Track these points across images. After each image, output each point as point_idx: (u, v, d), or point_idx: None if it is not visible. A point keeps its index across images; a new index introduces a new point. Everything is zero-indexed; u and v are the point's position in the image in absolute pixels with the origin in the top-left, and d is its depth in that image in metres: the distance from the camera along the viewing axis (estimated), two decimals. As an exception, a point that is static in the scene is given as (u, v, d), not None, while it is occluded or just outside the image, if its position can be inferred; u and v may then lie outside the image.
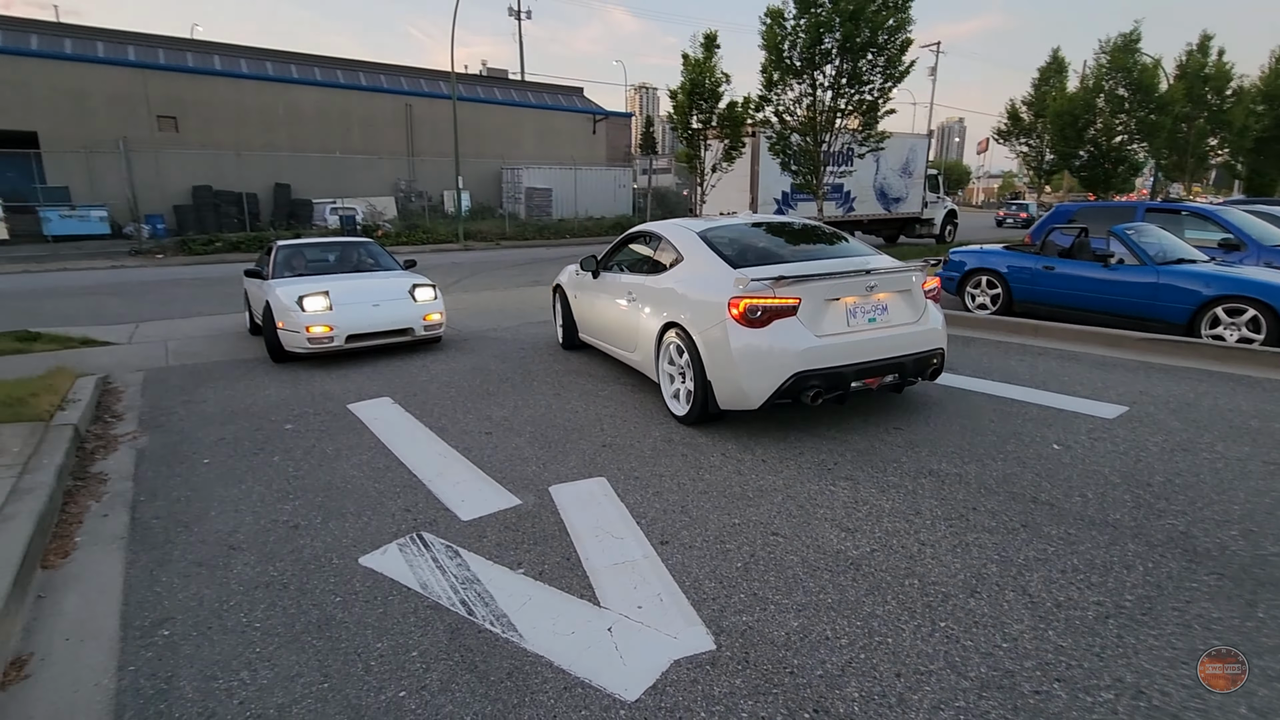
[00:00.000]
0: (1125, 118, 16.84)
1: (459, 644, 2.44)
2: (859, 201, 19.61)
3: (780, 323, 4.09)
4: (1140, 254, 7.09)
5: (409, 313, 6.97)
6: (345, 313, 6.62)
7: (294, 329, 6.46)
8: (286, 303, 6.52)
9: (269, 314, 6.71)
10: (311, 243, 8.51)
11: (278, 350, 6.73)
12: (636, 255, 5.74)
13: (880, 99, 10.26)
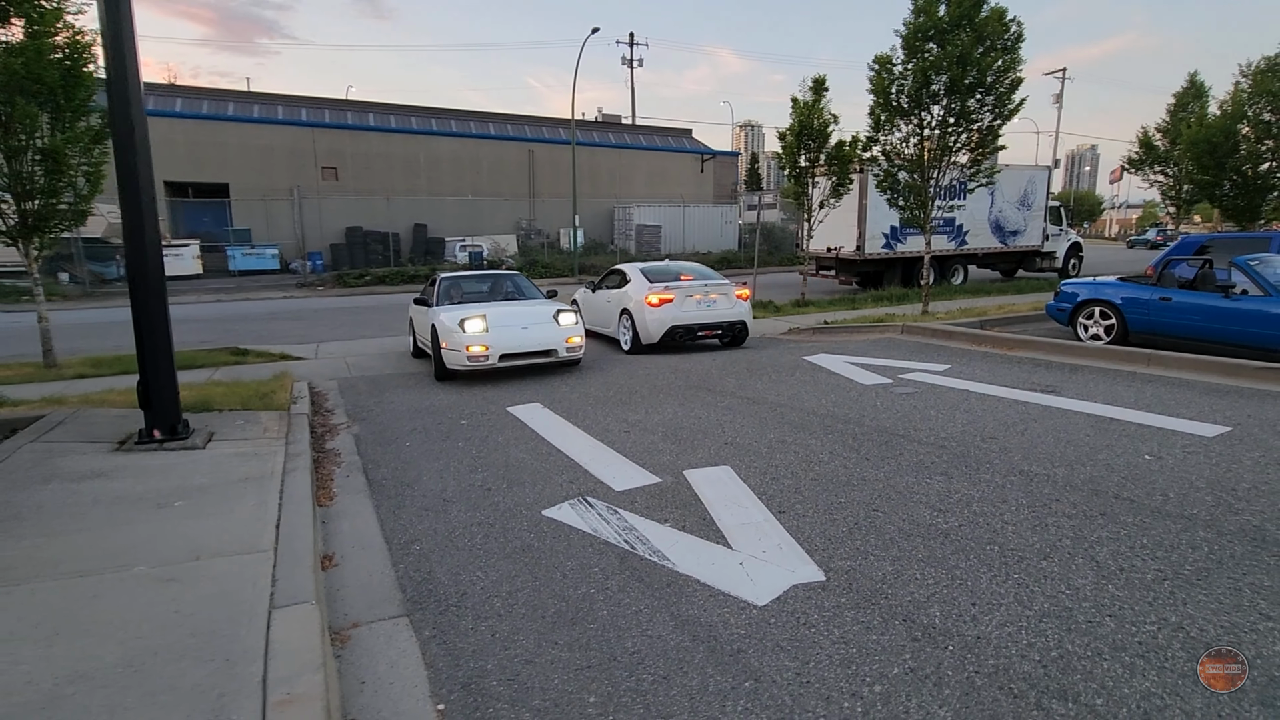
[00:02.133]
0: (1272, 143, 15.78)
1: (628, 565, 3.27)
2: (971, 234, 19.37)
3: (667, 305, 9.18)
4: (1262, 283, 7.03)
5: (553, 335, 7.85)
6: (499, 334, 7.60)
7: (456, 348, 7.48)
8: (450, 325, 7.58)
9: (435, 335, 7.84)
10: (468, 275, 9.81)
11: (441, 368, 7.81)
12: (612, 280, 10.49)
13: (988, 135, 10.53)
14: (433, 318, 8.06)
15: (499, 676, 2.48)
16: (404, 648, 2.68)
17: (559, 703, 2.32)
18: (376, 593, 3.13)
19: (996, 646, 2.53)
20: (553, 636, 2.72)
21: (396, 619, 2.89)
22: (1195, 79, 21.17)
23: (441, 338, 7.71)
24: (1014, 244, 20.60)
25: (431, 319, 8.09)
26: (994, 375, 6.91)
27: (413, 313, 9.57)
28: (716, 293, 9.35)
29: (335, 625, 2.82)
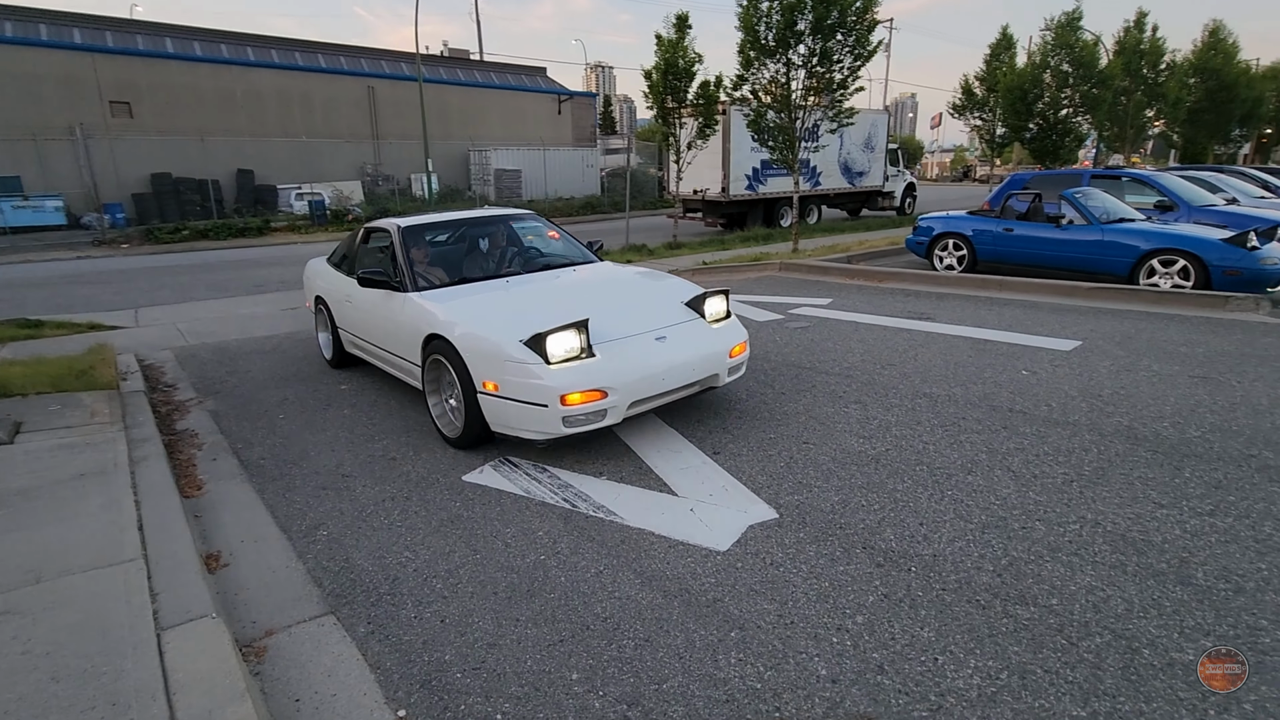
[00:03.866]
0: (1070, 92, 17.95)
1: (574, 526, 3.05)
2: (825, 176, 20.41)
3: None
4: (1088, 215, 7.96)
5: (711, 348, 3.92)
6: (622, 360, 3.57)
7: (538, 398, 3.36)
8: (507, 348, 3.48)
9: (464, 368, 3.67)
10: (442, 220, 5.26)
11: (476, 431, 3.77)
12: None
13: (850, 77, 10.94)
14: (430, 322, 4.01)
15: (462, 667, 2.19)
16: (338, 651, 2.30)
17: (539, 685, 2.09)
18: (286, 591, 2.67)
19: (953, 562, 2.63)
20: (512, 613, 2.46)
21: (319, 619, 2.48)
22: (1006, 31, 23.36)
23: (488, 373, 3.58)
24: (860, 184, 22.00)
25: (429, 325, 4.00)
26: (874, 306, 7.32)
27: (326, 290, 5.77)
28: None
29: (245, 637, 2.36)
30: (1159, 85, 23.90)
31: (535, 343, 3.48)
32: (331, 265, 5.90)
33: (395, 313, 4.46)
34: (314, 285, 6.15)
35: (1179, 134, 27.83)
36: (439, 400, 4.18)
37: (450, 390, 4.00)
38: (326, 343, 6.02)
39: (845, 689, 2.02)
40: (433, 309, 4.11)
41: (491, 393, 3.59)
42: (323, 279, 5.95)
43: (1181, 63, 25.74)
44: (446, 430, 4.09)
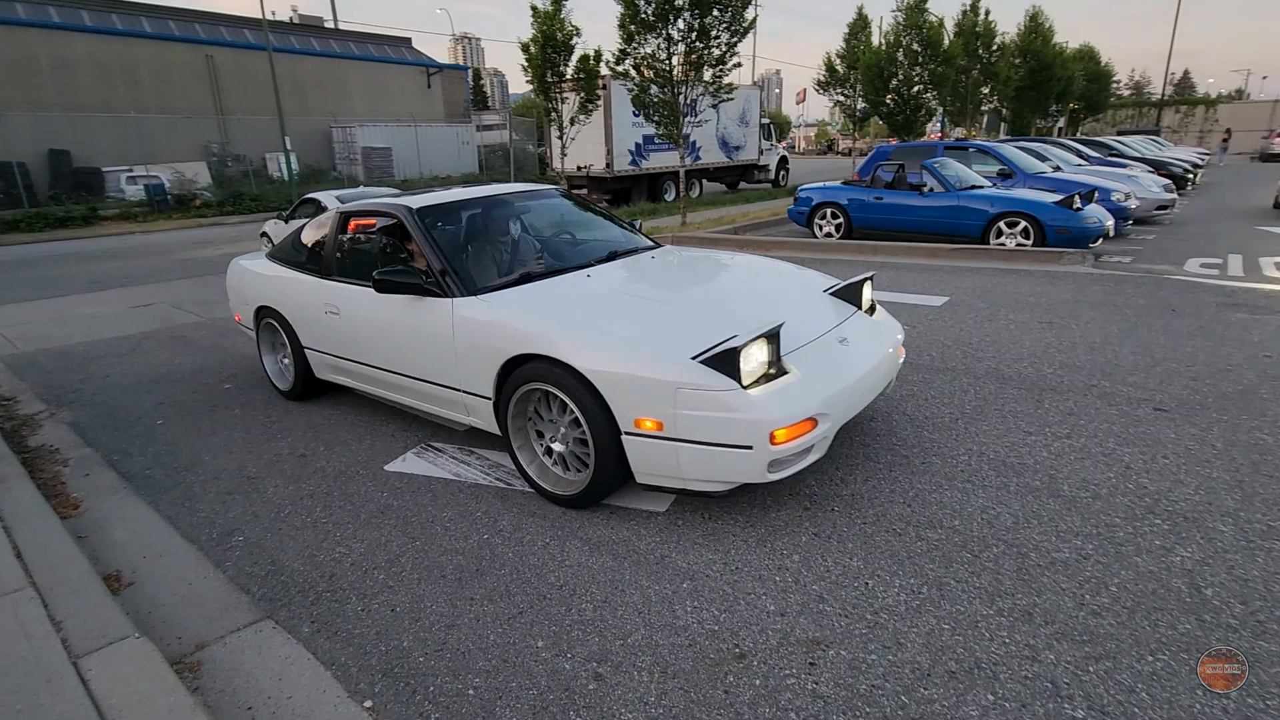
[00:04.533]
0: (920, 70, 19.49)
1: (512, 503, 3.05)
2: (704, 151, 20.94)
3: None
4: (945, 183, 8.78)
5: (886, 347, 3.20)
6: (818, 373, 2.74)
7: (732, 438, 2.47)
8: (679, 370, 2.51)
9: (596, 402, 2.65)
10: (464, 199, 3.94)
11: (609, 485, 2.84)
12: (307, 209, 9.27)
13: (728, 53, 11.26)
14: (523, 342, 2.87)
15: (424, 651, 2.17)
16: (284, 654, 2.20)
17: (506, 657, 2.12)
18: (210, 603, 2.49)
19: (869, 499, 2.90)
20: (465, 593, 2.45)
21: (256, 625, 2.34)
22: (862, 11, 24.88)
23: (645, 406, 2.57)
24: (737, 158, 22.79)
25: (520, 344, 2.87)
26: (765, 274, 7.71)
27: (280, 298, 4.37)
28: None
29: (173, 654, 2.19)
30: (992, 65, 26.43)
31: (722, 360, 2.47)
32: (283, 263, 4.39)
33: (435, 326, 3.19)
34: (255, 292, 4.56)
35: (1008, 109, 30.99)
36: (530, 446, 3.07)
37: (555, 432, 2.95)
38: (280, 370, 4.65)
39: (793, 620, 2.21)
40: (512, 319, 2.92)
41: (650, 433, 2.55)
42: (272, 284, 4.40)
43: (1009, 44, 28.60)
44: (550, 485, 2.98)
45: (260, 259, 4.79)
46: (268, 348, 4.76)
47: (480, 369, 3.06)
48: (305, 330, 4.20)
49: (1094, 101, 38.06)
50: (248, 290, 4.72)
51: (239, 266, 4.91)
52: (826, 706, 1.87)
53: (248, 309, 4.74)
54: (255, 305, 4.61)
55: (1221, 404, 3.71)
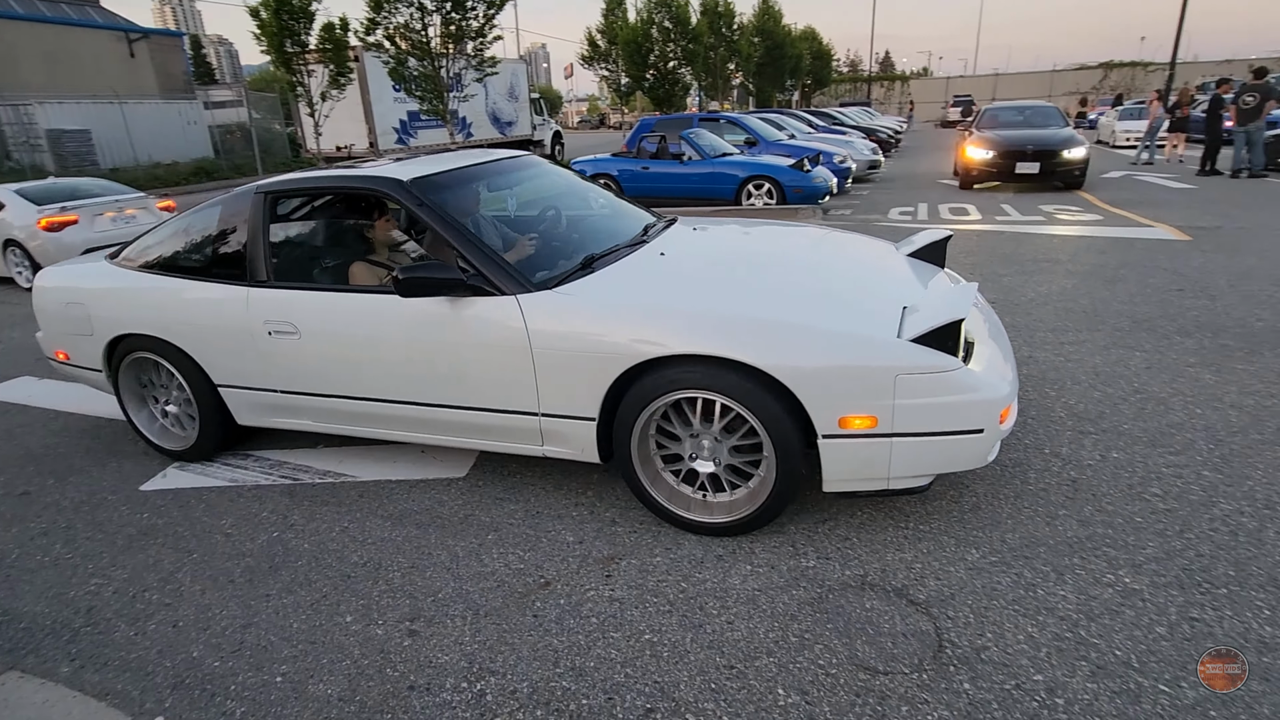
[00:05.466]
0: (674, 47, 20.88)
1: (302, 496, 2.94)
2: (476, 126, 20.45)
3: (71, 228, 7.46)
4: (701, 152, 9.64)
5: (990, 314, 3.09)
6: (997, 358, 2.49)
7: (962, 422, 2.16)
8: (901, 352, 2.13)
9: (781, 404, 2.20)
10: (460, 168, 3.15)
11: (786, 500, 2.37)
12: None
13: (486, 25, 11.08)
14: (657, 340, 2.26)
15: (219, 655, 2.07)
16: (41, 698, 1.95)
17: (313, 639, 2.11)
18: (-77, 672, 2.10)
19: (650, 433, 3.26)
20: (259, 591, 2.35)
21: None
22: (615, -12, 25.77)
23: (855, 402, 2.15)
24: (511, 134, 22.60)
25: (653, 342, 2.26)
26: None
27: (172, 321, 3.13)
28: (134, 208, 8.06)
29: (-120, 735, 1.84)
30: (735, 43, 29.05)
31: (942, 337, 2.14)
32: (165, 271, 3.19)
33: (494, 335, 2.48)
34: (107, 317, 3.27)
35: (753, 84, 34.40)
36: (655, 472, 2.54)
37: (697, 449, 2.44)
38: (166, 423, 3.45)
39: (590, 544, 2.48)
40: (628, 315, 2.36)
41: (859, 432, 2.18)
42: (147, 302, 3.16)
43: (748, 24, 31.61)
44: (700, 514, 2.49)
45: (100, 265, 3.44)
46: (134, 394, 3.45)
47: (579, 384, 2.41)
48: (222, 362, 3.06)
49: (820, 77, 43.56)
50: (94, 313, 3.29)
51: (59, 281, 3.48)
52: (622, 606, 2.16)
53: (88, 342, 3.35)
54: (109, 335, 3.27)
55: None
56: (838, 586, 2.18)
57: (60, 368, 3.64)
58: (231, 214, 3.13)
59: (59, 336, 3.53)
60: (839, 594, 2.15)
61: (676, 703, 1.79)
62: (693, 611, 2.12)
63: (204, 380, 3.14)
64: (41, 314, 3.55)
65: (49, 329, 3.57)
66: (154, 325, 3.14)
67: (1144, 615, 1.99)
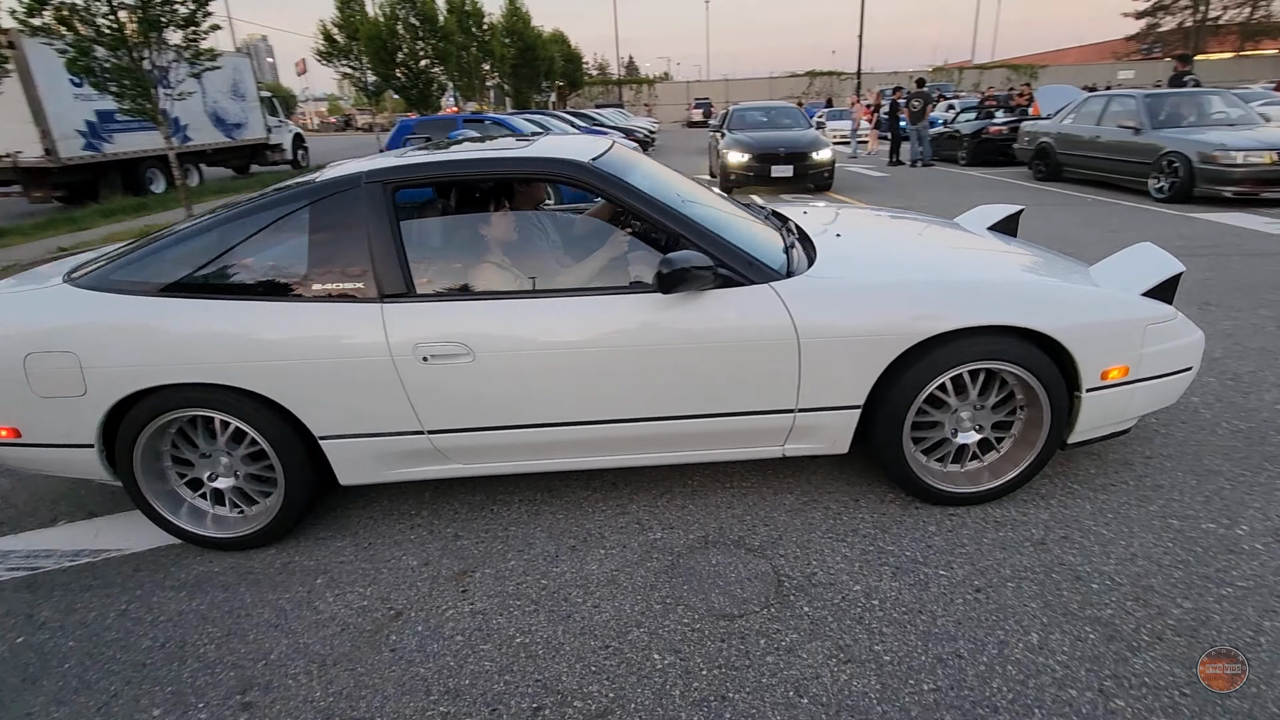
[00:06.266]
0: (424, 45, 19.96)
1: (50, 588, 2.37)
2: (194, 129, 17.62)
3: None
4: (471, 153, 9.44)
5: None
6: None
7: (1183, 361, 2.54)
8: (1142, 305, 2.43)
9: (1055, 363, 2.37)
10: (622, 152, 2.85)
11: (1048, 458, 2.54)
12: None
13: (198, 11, 9.55)
14: (942, 315, 2.26)
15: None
16: None
17: None
18: None
19: (476, 441, 3.18)
20: (16, 713, 1.86)
21: None
22: (349, -21, 23.88)
23: (1114, 354, 2.38)
24: (240, 137, 19.89)
25: (938, 316, 2.26)
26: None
27: (229, 359, 2.23)
28: None
29: None
30: (487, 43, 28.70)
31: (1165, 289, 2.48)
32: (206, 296, 2.29)
33: (745, 328, 2.25)
34: (128, 362, 2.24)
35: (509, 85, 34.32)
36: (912, 453, 2.48)
37: (956, 422, 2.47)
38: (212, 506, 2.55)
39: (438, 564, 2.37)
40: (901, 293, 2.30)
41: (1115, 382, 2.39)
42: (213, 336, 2.24)
43: (498, 25, 31.39)
44: (963, 485, 2.51)
45: (70, 293, 2.36)
46: (155, 472, 2.46)
47: (847, 372, 2.31)
48: (333, 405, 2.32)
49: (573, 79, 44.85)
50: (92, 363, 2.24)
51: (11, 320, 2.34)
52: (486, 617, 2.11)
53: (70, 409, 2.30)
54: (121, 394, 2.27)
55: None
56: (685, 551, 2.36)
57: None
58: (330, 210, 2.33)
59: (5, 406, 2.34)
60: (688, 557, 2.33)
61: (561, 694, 1.81)
62: (558, 605, 2.14)
63: (295, 435, 2.37)
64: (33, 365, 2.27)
65: (82, 375, 2.26)
66: (213, 370, 2.25)
67: (921, 519, 2.46)
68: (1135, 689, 1.74)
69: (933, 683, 1.79)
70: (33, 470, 2.51)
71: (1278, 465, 2.69)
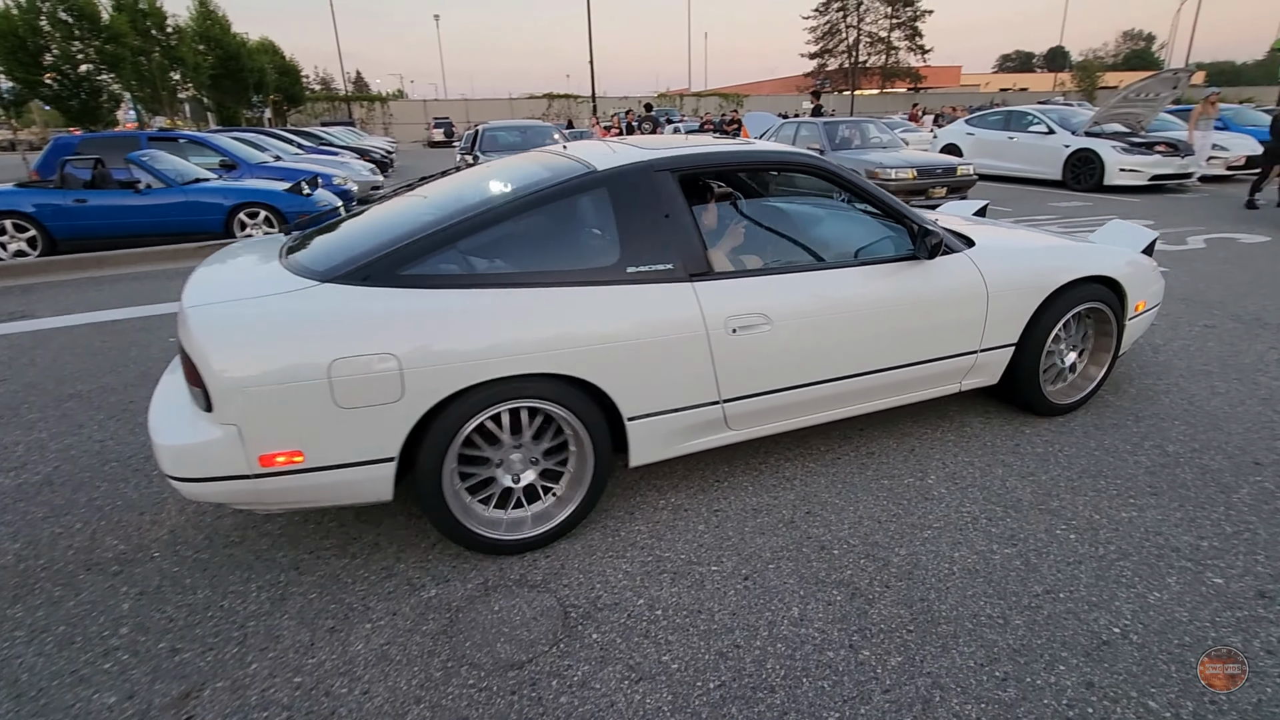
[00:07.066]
0: (83, 46, 16.32)
1: None
2: None
3: None
4: (164, 178, 7.95)
5: None
6: None
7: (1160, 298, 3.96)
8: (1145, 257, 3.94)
9: (1123, 304, 3.45)
10: None
11: None
12: None
13: None
14: (1062, 269, 3.24)
15: None
16: None
17: None
18: None
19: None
20: None
21: None
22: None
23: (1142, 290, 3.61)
24: None
25: (1064, 270, 3.22)
26: (-69, 320, 5.42)
27: (593, 347, 2.22)
28: None
29: None
30: (174, 49, 24.56)
31: (1150, 249, 3.79)
32: (491, 286, 2.21)
33: (959, 289, 2.88)
34: (454, 358, 2.08)
35: (209, 98, 29.84)
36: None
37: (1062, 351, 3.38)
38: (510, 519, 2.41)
39: (146, 693, 1.88)
40: (1037, 251, 3.24)
41: (1140, 312, 3.49)
42: (542, 321, 2.20)
43: (187, 29, 27.06)
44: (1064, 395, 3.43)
45: (352, 292, 2.10)
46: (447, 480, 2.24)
47: (1012, 316, 3.04)
48: (646, 384, 2.36)
49: (291, 94, 40.63)
50: (414, 365, 2.05)
51: (307, 321, 2.03)
52: (221, 745, 1.72)
53: (379, 418, 2.06)
54: (441, 395, 2.09)
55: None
56: (464, 603, 2.19)
57: (249, 487, 2.05)
58: (630, 196, 2.42)
59: (286, 423, 2.00)
60: (468, 609, 2.16)
61: (330, 813, 1.54)
62: (318, 703, 1.83)
63: (607, 419, 2.40)
64: (245, 390, 1.94)
65: (260, 415, 1.98)
66: (542, 359, 2.19)
67: (690, 521, 2.59)
68: (875, 636, 2.01)
69: (717, 679, 1.87)
70: (302, 502, 2.17)
71: (950, 422, 3.35)
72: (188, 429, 2.05)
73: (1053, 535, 2.46)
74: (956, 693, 1.81)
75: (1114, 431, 3.21)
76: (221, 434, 1.98)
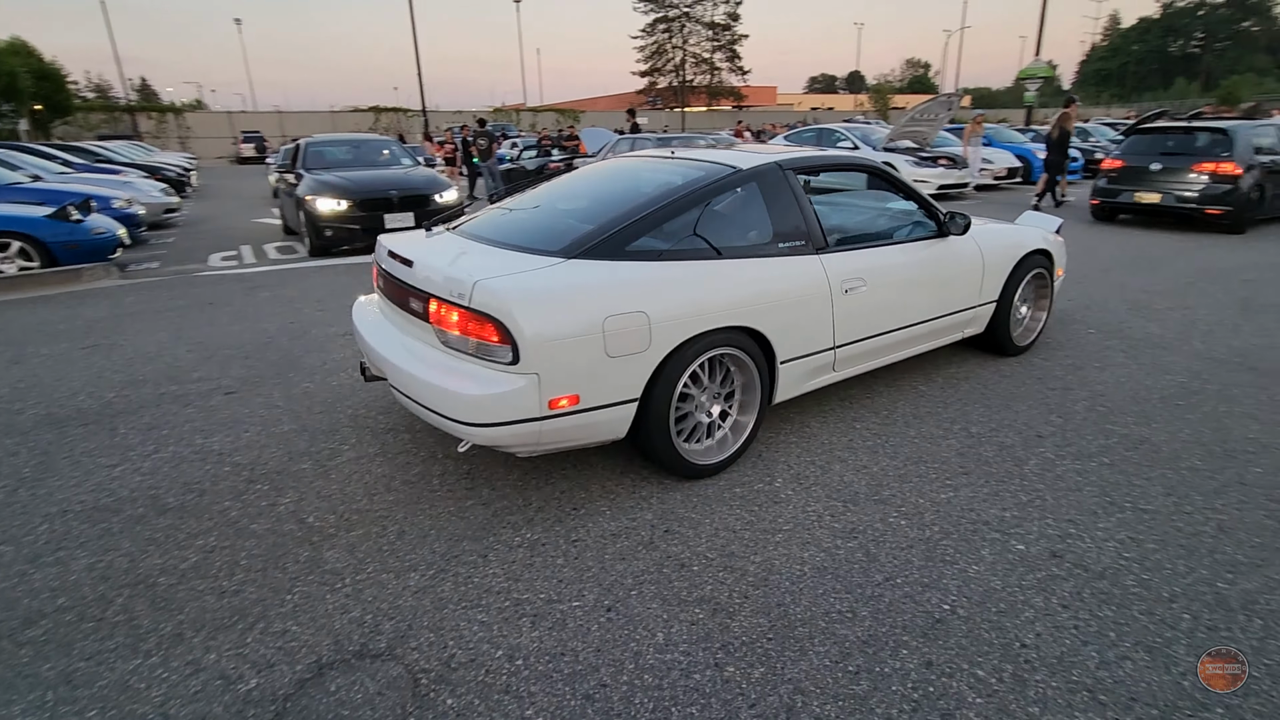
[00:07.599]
0: None
1: None
2: None
3: None
4: None
5: None
6: None
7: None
8: None
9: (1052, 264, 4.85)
10: None
11: None
12: None
13: None
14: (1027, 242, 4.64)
15: None
16: None
17: None
18: None
19: None
20: None
21: None
22: None
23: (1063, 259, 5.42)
24: None
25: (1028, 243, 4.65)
26: None
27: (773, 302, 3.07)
28: None
29: None
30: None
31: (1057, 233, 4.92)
32: (678, 258, 2.81)
33: (966, 258, 3.95)
34: (681, 314, 2.68)
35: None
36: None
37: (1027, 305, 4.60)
38: (718, 437, 3.15)
39: None
40: (1006, 227, 4.53)
41: (1059, 278, 4.75)
42: (733, 285, 2.91)
43: (-102, 22, 22.25)
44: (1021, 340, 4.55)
45: (586, 266, 2.64)
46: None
47: (997, 275, 4.12)
48: (794, 334, 3.11)
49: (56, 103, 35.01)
50: (659, 319, 2.61)
51: (588, 284, 2.59)
52: None
53: (630, 365, 2.59)
54: (675, 343, 2.67)
55: (275, 371, 4.39)
56: (294, 689, 1.91)
57: (535, 428, 2.48)
58: (771, 188, 3.18)
59: (571, 371, 2.48)
60: (298, 697, 1.88)
61: None
62: None
63: (768, 364, 3.06)
64: (548, 345, 2.40)
65: (555, 365, 2.44)
66: (735, 314, 2.82)
67: (548, 555, 2.48)
68: (738, 651, 2.02)
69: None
70: (562, 442, 2.60)
71: (790, 424, 3.52)
72: (486, 382, 2.40)
73: (887, 524, 2.65)
74: (816, 695, 1.86)
75: (929, 419, 3.56)
76: (525, 383, 2.38)
